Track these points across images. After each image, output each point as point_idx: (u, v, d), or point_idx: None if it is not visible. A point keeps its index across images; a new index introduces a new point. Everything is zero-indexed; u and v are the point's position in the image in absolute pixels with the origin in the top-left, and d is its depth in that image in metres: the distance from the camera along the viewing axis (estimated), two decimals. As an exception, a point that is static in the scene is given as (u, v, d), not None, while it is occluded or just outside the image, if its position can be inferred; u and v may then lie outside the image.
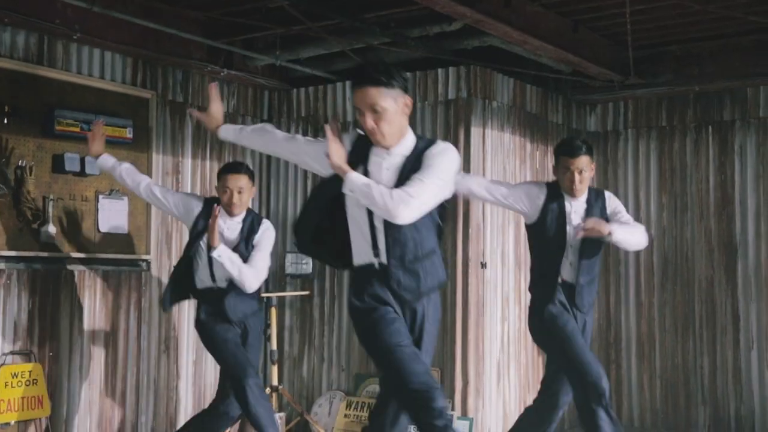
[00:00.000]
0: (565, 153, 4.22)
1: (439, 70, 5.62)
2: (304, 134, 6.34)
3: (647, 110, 6.48)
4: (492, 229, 5.66)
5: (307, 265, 5.97)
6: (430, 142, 3.21)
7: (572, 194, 4.22)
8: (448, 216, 3.87)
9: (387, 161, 3.16)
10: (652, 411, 6.26)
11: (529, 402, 5.86)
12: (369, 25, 5.18)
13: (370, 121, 3.09)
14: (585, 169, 4.20)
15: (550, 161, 6.27)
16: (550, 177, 6.22)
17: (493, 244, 5.66)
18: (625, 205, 6.46)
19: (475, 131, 5.55)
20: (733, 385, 6.00)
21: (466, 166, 5.50)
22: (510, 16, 4.83)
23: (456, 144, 5.52)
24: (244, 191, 4.53)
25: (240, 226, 4.56)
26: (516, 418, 5.71)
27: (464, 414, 5.39)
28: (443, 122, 5.63)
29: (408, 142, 3.20)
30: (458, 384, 5.43)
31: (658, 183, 6.43)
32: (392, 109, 3.09)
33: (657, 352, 6.31)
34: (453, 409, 5.37)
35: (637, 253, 6.44)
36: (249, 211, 4.65)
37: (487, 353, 5.55)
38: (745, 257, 6.01)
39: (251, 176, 4.61)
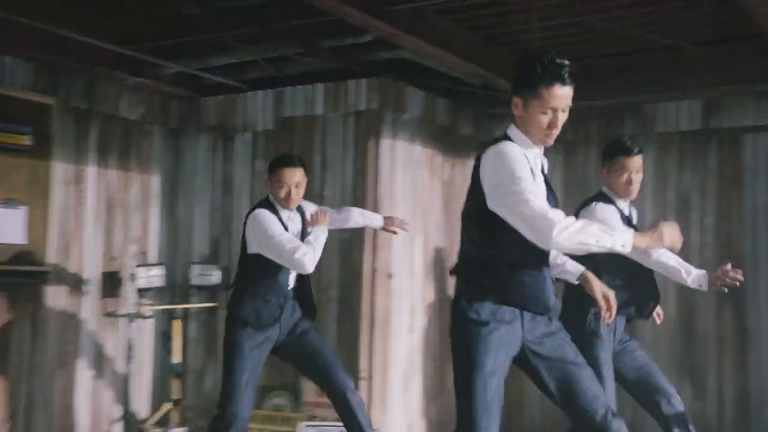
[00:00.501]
0: (622, 152, 4.07)
1: (351, 82, 5.59)
2: (213, 144, 6.24)
3: (553, 124, 6.59)
4: (400, 240, 5.65)
5: (213, 276, 5.84)
6: None
7: (628, 196, 4.07)
8: None
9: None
10: (552, 419, 6.35)
11: (433, 412, 5.93)
12: (281, 35, 5.11)
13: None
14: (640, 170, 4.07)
15: (459, 173, 6.32)
16: (459, 189, 6.30)
17: (402, 255, 5.66)
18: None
19: (385, 143, 5.54)
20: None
21: (375, 178, 5.49)
22: (422, 31, 4.84)
23: (365, 156, 5.53)
24: (301, 185, 4.26)
25: (299, 217, 4.35)
26: (420, 429, 5.77)
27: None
28: (353, 134, 5.60)
29: None
30: (363, 395, 5.39)
31: (563, 195, 6.54)
32: None
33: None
34: (360, 420, 5.34)
35: (542, 264, 6.55)
36: None
37: (392, 364, 5.54)
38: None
39: (305, 168, 4.34)
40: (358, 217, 4.65)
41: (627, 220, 4.04)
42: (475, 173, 2.97)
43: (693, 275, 3.98)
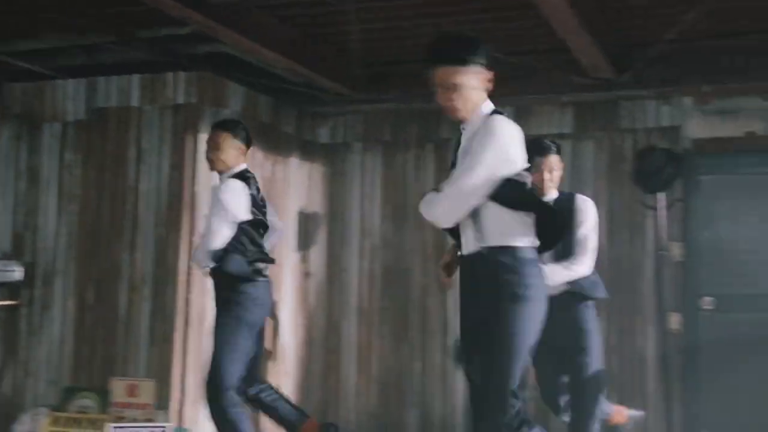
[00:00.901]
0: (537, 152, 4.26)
1: (168, 74, 5.43)
2: (17, 133, 5.88)
3: (375, 125, 6.71)
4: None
5: (15, 272, 5.49)
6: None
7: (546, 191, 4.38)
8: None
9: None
10: (368, 414, 6.47)
11: (249, 410, 5.86)
12: (94, 22, 4.88)
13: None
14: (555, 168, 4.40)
15: (281, 170, 6.28)
16: (281, 186, 6.27)
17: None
18: (351, 217, 6.73)
19: (204, 138, 5.38)
20: (440, 388, 6.37)
21: (193, 174, 5.36)
22: (241, 25, 4.77)
23: (183, 150, 5.38)
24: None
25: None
26: (236, 426, 5.68)
27: (181, 425, 5.24)
28: (171, 128, 5.45)
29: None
30: (176, 394, 5.27)
31: (382, 195, 6.68)
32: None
33: (374, 357, 6.55)
34: (170, 420, 5.20)
35: (361, 262, 6.65)
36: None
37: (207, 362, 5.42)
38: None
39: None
40: None
41: None
42: None
43: None
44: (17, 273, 5.50)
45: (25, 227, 5.76)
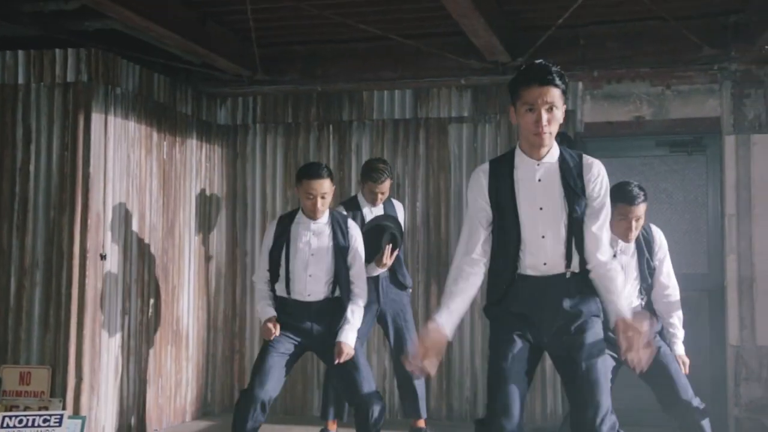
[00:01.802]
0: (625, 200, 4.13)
1: (57, 51, 5.20)
2: None
3: (275, 106, 6.63)
4: (114, 219, 5.39)
5: None
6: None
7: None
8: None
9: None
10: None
11: (151, 395, 5.74)
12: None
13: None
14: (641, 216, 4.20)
15: (178, 152, 6.14)
16: (178, 168, 6.13)
17: (115, 234, 5.40)
18: (253, 199, 6.64)
19: (97, 117, 5.23)
20: (345, 368, 6.36)
21: (86, 155, 5.18)
22: (132, 1, 4.61)
23: (75, 131, 5.19)
24: (327, 195, 4.42)
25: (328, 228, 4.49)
26: (134, 412, 5.56)
27: (77, 412, 5.08)
28: (61, 106, 5.23)
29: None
30: (71, 381, 5.10)
31: (283, 177, 6.60)
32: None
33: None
34: (65, 408, 5.04)
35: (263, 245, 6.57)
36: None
37: (104, 348, 5.28)
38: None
39: (332, 178, 4.48)
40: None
41: None
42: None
43: None
44: None
45: None
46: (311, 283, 4.37)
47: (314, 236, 4.41)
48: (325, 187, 4.36)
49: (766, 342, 5.55)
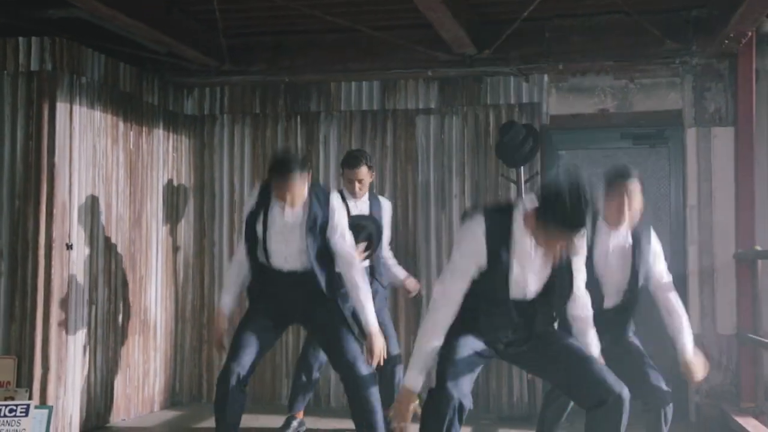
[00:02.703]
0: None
1: (21, 39, 5.08)
2: None
3: (242, 97, 6.55)
4: (80, 209, 5.29)
5: None
6: None
7: None
8: None
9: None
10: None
11: (119, 385, 5.67)
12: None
13: None
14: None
15: (145, 142, 6.05)
16: (145, 158, 6.04)
17: (81, 224, 5.30)
18: (221, 190, 6.57)
19: (62, 107, 5.13)
20: (313, 357, 6.32)
21: (51, 145, 5.07)
22: (97, -10, 4.52)
23: (40, 120, 5.09)
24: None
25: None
26: (101, 402, 5.48)
27: (43, 402, 4.99)
28: (25, 95, 5.11)
29: None
30: (37, 372, 5.01)
31: (251, 167, 6.54)
32: None
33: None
34: (31, 398, 4.95)
35: (231, 235, 6.51)
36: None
37: (71, 338, 5.19)
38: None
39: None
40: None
41: None
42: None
43: None
44: None
45: None
46: (288, 260, 4.36)
47: (289, 207, 4.34)
48: (296, 181, 4.28)
49: (726, 330, 5.60)
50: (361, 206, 5.21)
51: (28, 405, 4.88)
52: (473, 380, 3.43)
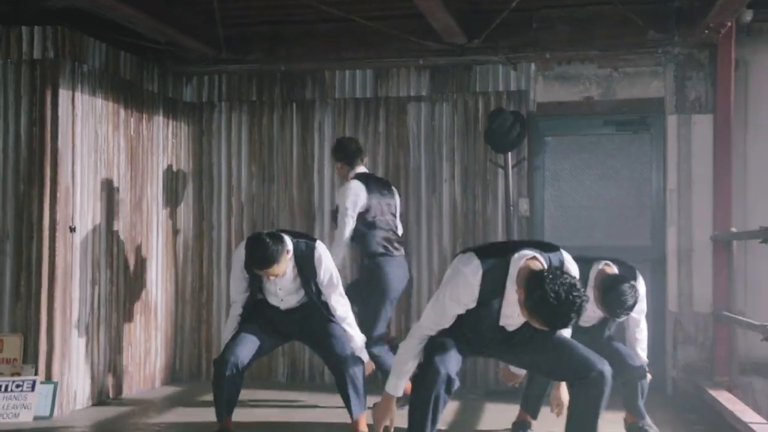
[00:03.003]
0: None
1: (24, 28, 5.22)
2: None
3: (239, 85, 6.70)
4: (82, 193, 5.45)
5: None
6: None
7: None
8: None
9: None
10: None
11: (121, 362, 5.84)
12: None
13: None
14: None
15: (145, 128, 6.20)
16: (146, 144, 6.19)
17: (84, 208, 5.46)
18: (219, 175, 6.73)
19: (64, 94, 5.28)
20: (308, 336, 6.50)
21: (54, 130, 5.23)
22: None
23: (43, 107, 5.24)
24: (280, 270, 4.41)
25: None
26: (104, 378, 5.66)
27: (49, 378, 5.17)
28: (28, 83, 5.26)
29: None
30: (43, 348, 5.18)
31: (248, 154, 6.69)
32: None
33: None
34: (37, 374, 5.12)
35: (229, 219, 6.67)
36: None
37: (75, 317, 5.36)
38: (321, 223, 6.51)
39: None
40: None
41: None
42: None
43: None
44: None
45: None
46: (285, 302, 4.55)
47: (281, 279, 4.46)
48: (277, 270, 4.34)
49: (702, 308, 5.79)
50: None
51: (34, 380, 5.06)
52: (459, 363, 3.56)
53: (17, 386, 5.02)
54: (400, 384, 3.65)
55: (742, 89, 5.94)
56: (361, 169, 5.45)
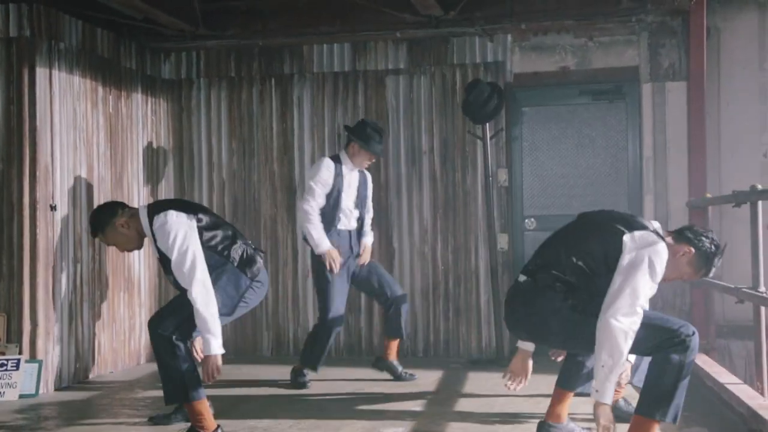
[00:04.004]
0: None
1: (-2, 6, 5.12)
2: None
3: (218, 61, 6.60)
4: (62, 171, 5.36)
5: None
6: None
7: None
8: None
9: None
10: (224, 338, 6.38)
11: (106, 339, 5.78)
12: None
13: None
14: None
15: (124, 106, 6.09)
16: (125, 121, 6.09)
17: (64, 186, 5.37)
18: (199, 151, 6.64)
19: (41, 72, 5.16)
20: (292, 312, 6.47)
21: (32, 109, 5.12)
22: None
23: (20, 85, 5.14)
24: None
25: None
26: (89, 356, 5.60)
27: (33, 357, 5.10)
28: (4, 61, 5.14)
29: None
30: (26, 327, 5.11)
31: (228, 130, 6.61)
32: None
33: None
34: (21, 352, 5.05)
35: (210, 195, 6.60)
36: None
37: (58, 295, 5.29)
38: (301, 198, 6.45)
39: None
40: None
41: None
42: None
43: None
44: None
45: None
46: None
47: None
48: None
49: (679, 274, 5.80)
50: (353, 176, 5.30)
51: (19, 359, 4.99)
52: None
53: (2, 365, 4.96)
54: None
55: (714, 56, 5.92)
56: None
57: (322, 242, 5.10)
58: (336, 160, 5.23)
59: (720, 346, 5.71)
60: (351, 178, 5.24)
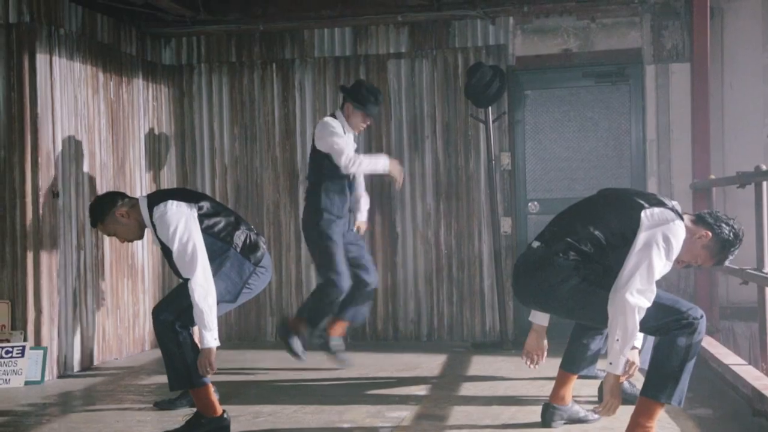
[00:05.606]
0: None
1: (-3, -9, 5.07)
2: None
3: (218, 46, 6.56)
4: (64, 158, 5.33)
5: None
6: None
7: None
8: None
9: None
10: (228, 324, 6.46)
11: (110, 326, 5.77)
12: None
13: None
14: None
15: (125, 92, 6.06)
16: (126, 107, 6.06)
17: (66, 173, 5.35)
18: (201, 137, 6.61)
19: (42, 58, 5.13)
20: (295, 296, 6.46)
21: (33, 95, 5.08)
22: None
23: (20, 72, 5.09)
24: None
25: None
26: (94, 342, 5.60)
27: (38, 344, 5.10)
28: (4, 48, 5.10)
29: None
30: (31, 314, 5.10)
31: (230, 115, 6.57)
32: None
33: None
34: (26, 339, 5.05)
35: (213, 180, 6.57)
36: None
37: (61, 282, 5.28)
38: (304, 183, 6.42)
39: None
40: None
41: None
42: None
43: None
44: None
45: None
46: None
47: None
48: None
49: (683, 256, 5.78)
50: (349, 138, 5.21)
51: (24, 346, 4.99)
52: None
53: (7, 353, 4.95)
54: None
55: (717, 37, 5.88)
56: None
57: (380, 158, 5.29)
58: (334, 118, 5.19)
59: (724, 327, 5.70)
60: (348, 139, 5.19)
